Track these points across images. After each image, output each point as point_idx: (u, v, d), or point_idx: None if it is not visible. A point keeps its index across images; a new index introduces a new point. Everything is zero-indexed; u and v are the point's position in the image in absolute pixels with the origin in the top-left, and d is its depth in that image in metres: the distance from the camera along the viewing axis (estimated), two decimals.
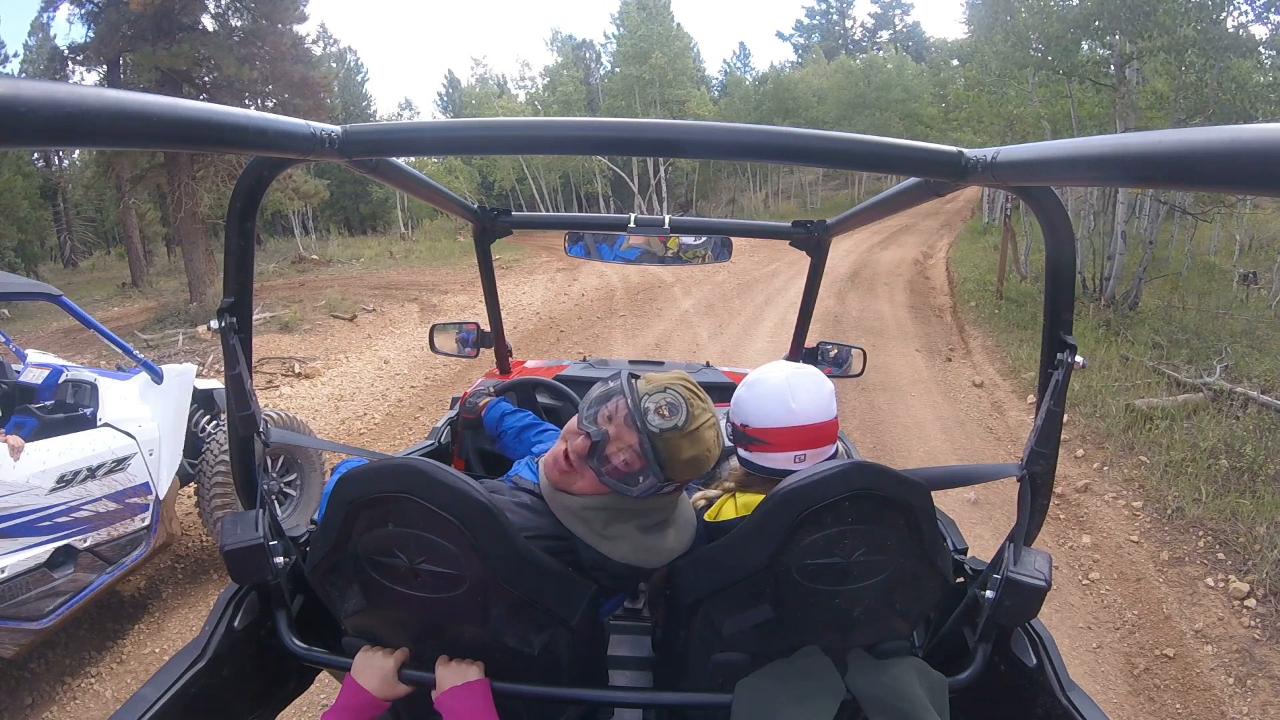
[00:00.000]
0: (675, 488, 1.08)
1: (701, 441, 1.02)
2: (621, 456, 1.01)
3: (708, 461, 1.05)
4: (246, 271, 1.14)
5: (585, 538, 1.08)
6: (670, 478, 1.02)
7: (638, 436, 1.00)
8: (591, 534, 1.07)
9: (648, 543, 1.08)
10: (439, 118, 11.16)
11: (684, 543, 1.13)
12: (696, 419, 1.02)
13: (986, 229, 18.48)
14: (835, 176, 32.74)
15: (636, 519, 1.08)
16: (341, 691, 1.06)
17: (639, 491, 1.01)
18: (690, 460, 1.02)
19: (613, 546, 1.07)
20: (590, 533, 1.07)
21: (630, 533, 1.07)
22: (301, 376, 7.20)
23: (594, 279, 13.10)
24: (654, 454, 1.00)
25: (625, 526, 1.07)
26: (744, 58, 51.02)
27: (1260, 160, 0.43)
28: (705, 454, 1.03)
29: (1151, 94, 10.08)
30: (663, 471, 1.00)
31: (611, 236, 2.05)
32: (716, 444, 1.06)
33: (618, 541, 1.07)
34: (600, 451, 1.02)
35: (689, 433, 1.01)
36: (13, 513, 2.44)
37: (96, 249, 26.32)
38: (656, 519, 1.11)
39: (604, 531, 1.07)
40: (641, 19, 27.67)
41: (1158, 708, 2.77)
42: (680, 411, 1.01)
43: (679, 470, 1.02)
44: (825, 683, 1.05)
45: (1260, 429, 4.94)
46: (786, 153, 0.84)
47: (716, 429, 1.06)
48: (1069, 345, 1.06)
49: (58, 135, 0.48)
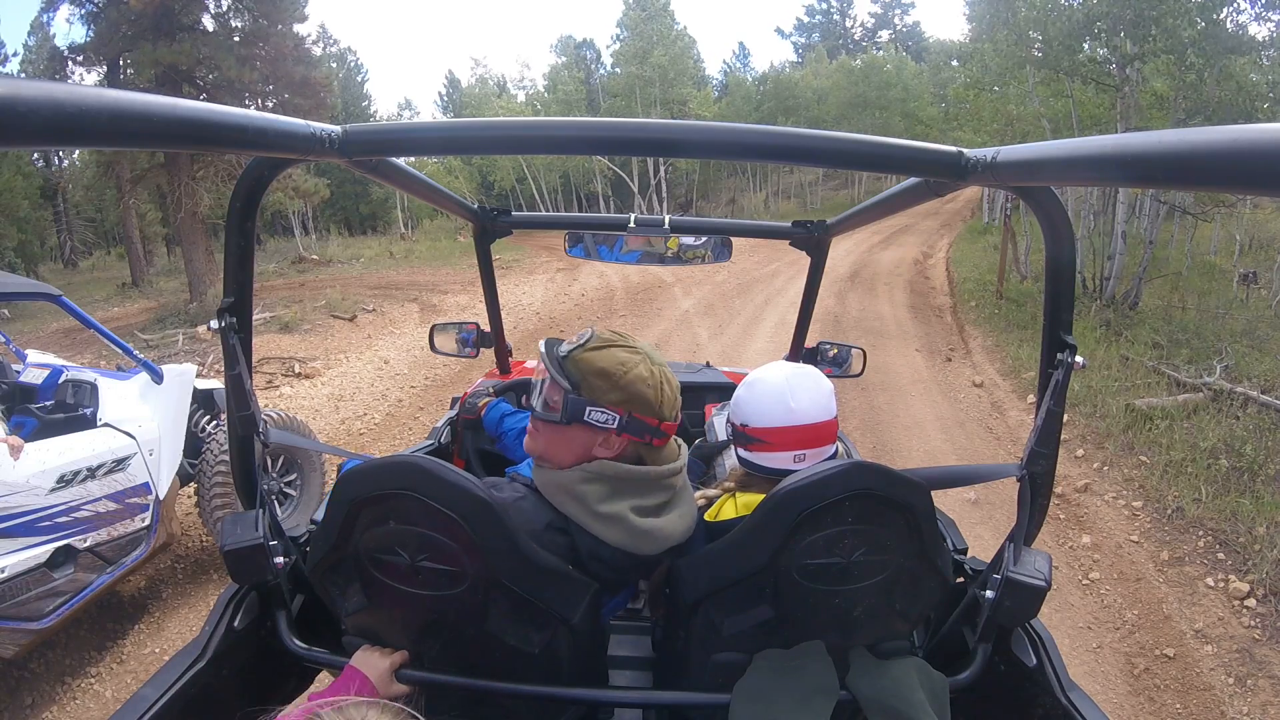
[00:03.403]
0: (618, 421, 1.04)
1: (610, 356, 1.05)
2: (546, 389, 1.08)
3: (620, 375, 1.04)
4: (246, 271, 1.14)
5: (579, 518, 1.05)
6: (584, 394, 1.05)
7: (551, 364, 1.08)
8: (585, 513, 1.05)
9: (644, 526, 1.05)
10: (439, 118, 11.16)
11: (681, 531, 1.11)
12: (605, 340, 1.08)
13: (986, 229, 18.49)
14: (835, 176, 32.72)
15: (632, 498, 1.06)
16: (339, 679, 1.05)
17: (565, 417, 1.04)
18: (600, 372, 1.04)
19: (606, 529, 1.05)
20: (584, 512, 1.05)
21: (625, 514, 1.04)
22: (301, 376, 7.20)
23: (594, 279, 13.10)
24: (563, 372, 1.06)
25: (620, 505, 1.04)
26: (744, 57, 51.05)
27: (1260, 160, 0.43)
28: (617, 367, 1.04)
29: (1151, 94, 10.08)
30: (575, 389, 1.05)
31: (611, 237, 2.05)
32: (633, 366, 1.05)
33: (611, 524, 1.04)
34: (536, 396, 1.10)
35: (594, 349, 1.06)
36: (13, 513, 2.44)
37: (96, 249, 26.31)
38: (654, 501, 1.09)
39: (597, 509, 1.04)
40: (641, 19, 27.65)
41: (1158, 708, 2.77)
42: (586, 335, 1.09)
43: (591, 385, 1.04)
44: (821, 682, 1.05)
45: (1260, 429, 4.94)
46: (786, 153, 0.84)
47: (639, 359, 1.07)
48: (1069, 345, 1.07)
49: (58, 135, 0.48)
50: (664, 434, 1.10)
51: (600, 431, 1.06)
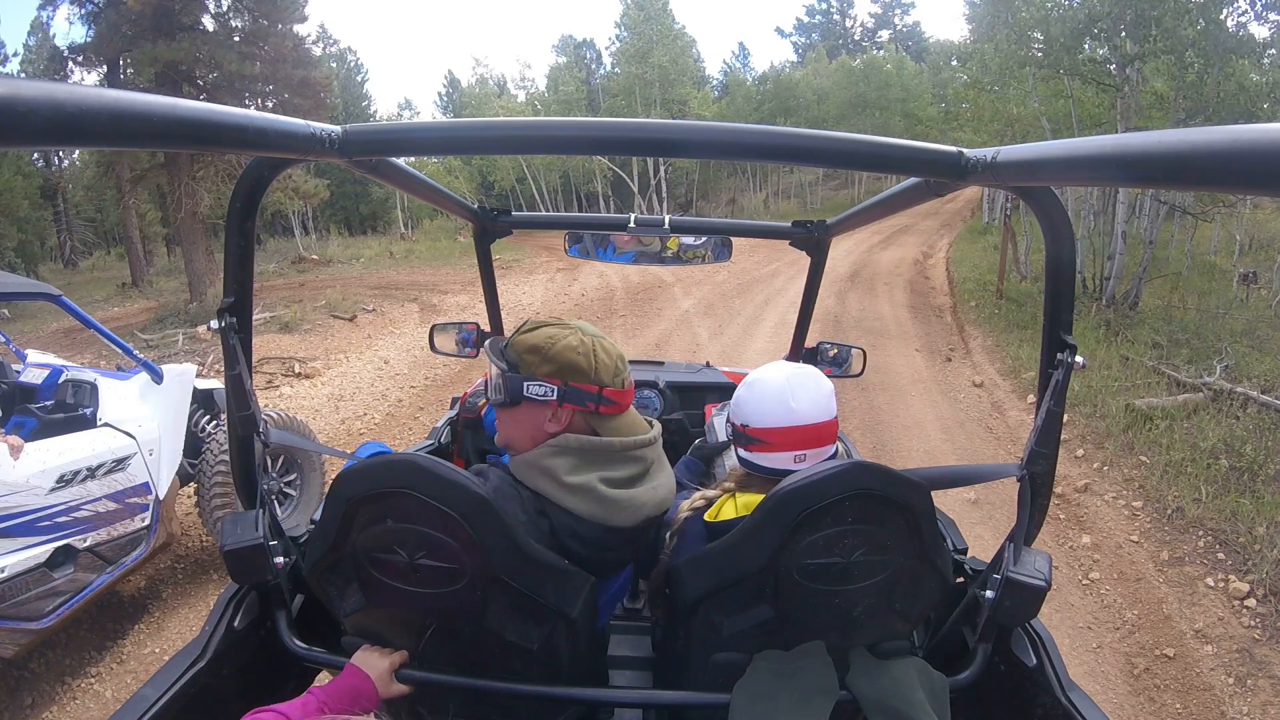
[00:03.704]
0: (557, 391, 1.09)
1: (539, 333, 1.11)
2: (494, 378, 1.15)
3: (549, 348, 1.09)
4: (246, 271, 1.14)
5: (549, 493, 1.06)
6: (522, 372, 1.10)
7: (492, 353, 1.16)
8: (555, 486, 1.06)
9: (613, 496, 1.05)
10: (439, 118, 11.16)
11: (654, 504, 1.11)
12: (538, 322, 1.14)
13: (986, 229, 18.48)
14: (835, 176, 32.71)
15: (599, 469, 1.07)
16: (340, 677, 1.05)
17: (509, 397, 1.10)
18: (531, 348, 1.10)
19: (576, 500, 1.05)
20: (554, 485, 1.06)
21: (594, 484, 1.05)
22: (301, 376, 7.20)
23: (594, 279, 13.10)
24: (503, 358, 1.13)
25: (588, 476, 1.06)
26: (744, 57, 51.08)
27: (1260, 160, 0.43)
28: (546, 341, 1.10)
29: (1151, 94, 10.08)
30: (513, 369, 1.11)
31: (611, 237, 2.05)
32: (561, 338, 1.10)
33: (581, 494, 1.05)
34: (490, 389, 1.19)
35: (527, 331, 1.13)
36: (13, 512, 2.44)
37: (96, 249, 26.31)
38: (623, 473, 1.09)
39: (566, 480, 1.05)
40: (641, 19, 27.64)
41: (1158, 708, 2.77)
42: (525, 323, 1.16)
43: (526, 362, 1.10)
44: (821, 682, 1.05)
45: (1260, 429, 4.94)
46: (786, 153, 0.84)
47: (568, 332, 1.12)
48: (1069, 345, 1.07)
49: (58, 135, 0.48)
50: (609, 400, 1.11)
51: (545, 406, 1.09)
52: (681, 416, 2.37)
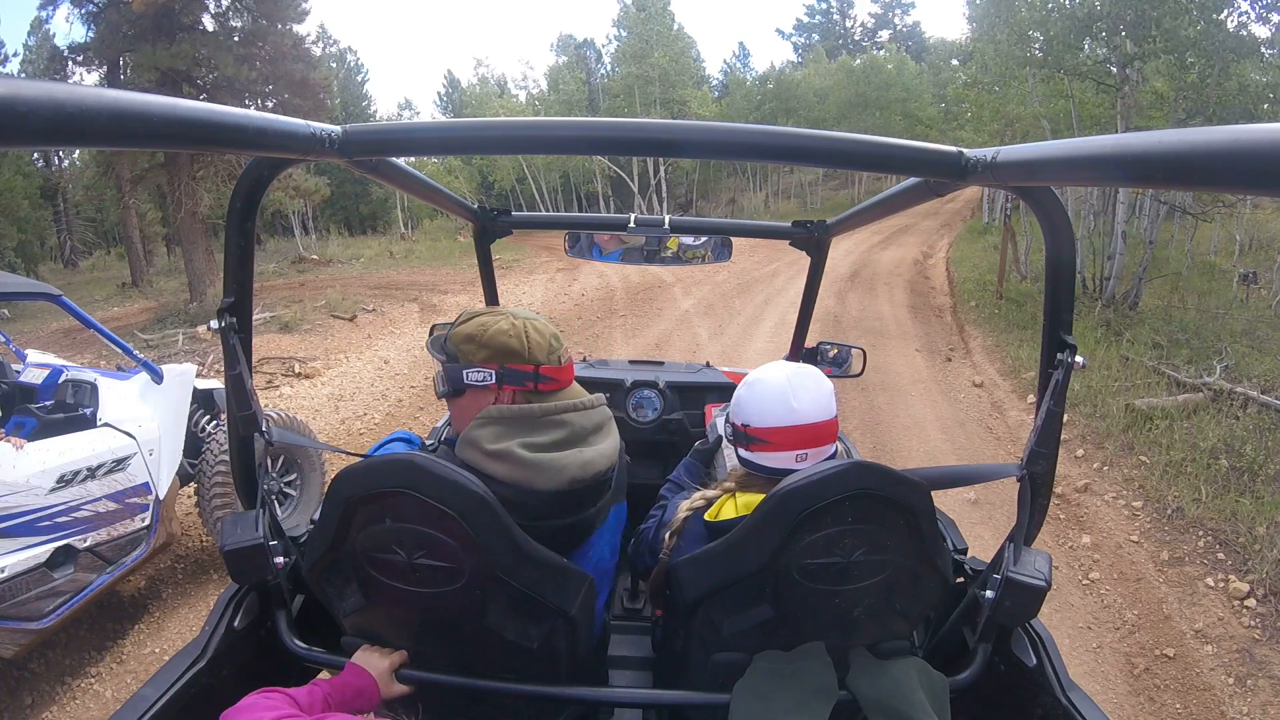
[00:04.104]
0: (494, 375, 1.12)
1: (473, 323, 1.16)
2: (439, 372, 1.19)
3: (482, 334, 1.13)
4: (246, 271, 1.14)
5: (476, 463, 1.08)
6: (461, 362, 1.15)
7: (433, 348, 1.22)
8: (479, 455, 1.08)
9: (532, 459, 1.07)
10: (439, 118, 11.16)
11: (578, 466, 1.10)
12: (471, 313, 1.19)
13: (986, 229, 18.47)
14: (835, 176, 32.70)
15: (520, 435, 1.09)
16: (341, 676, 1.05)
17: (451, 387, 1.15)
18: (466, 337, 1.15)
19: (496, 465, 1.07)
20: (479, 455, 1.08)
21: (512, 449, 1.07)
22: (301, 376, 7.20)
23: (594, 279, 13.10)
24: (443, 351, 1.18)
25: (508, 443, 1.08)
26: (744, 57, 51.09)
27: (1260, 160, 0.43)
28: (479, 329, 1.14)
29: (1152, 94, 10.08)
30: (450, 358, 1.16)
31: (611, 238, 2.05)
32: (492, 324, 1.14)
33: (500, 460, 1.07)
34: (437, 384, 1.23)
35: (461, 323, 1.18)
36: (13, 512, 2.44)
37: (96, 249, 26.29)
38: (546, 438, 1.10)
39: (487, 448, 1.08)
40: (640, 19, 27.63)
41: (1158, 708, 2.77)
42: (459, 315, 1.21)
43: (463, 351, 1.15)
44: (821, 684, 1.05)
45: (1260, 429, 4.94)
46: (786, 153, 0.84)
47: (500, 319, 1.16)
48: (1069, 345, 1.07)
49: (58, 135, 0.48)
50: (546, 378, 1.14)
51: (486, 390, 1.13)
52: (681, 416, 2.38)
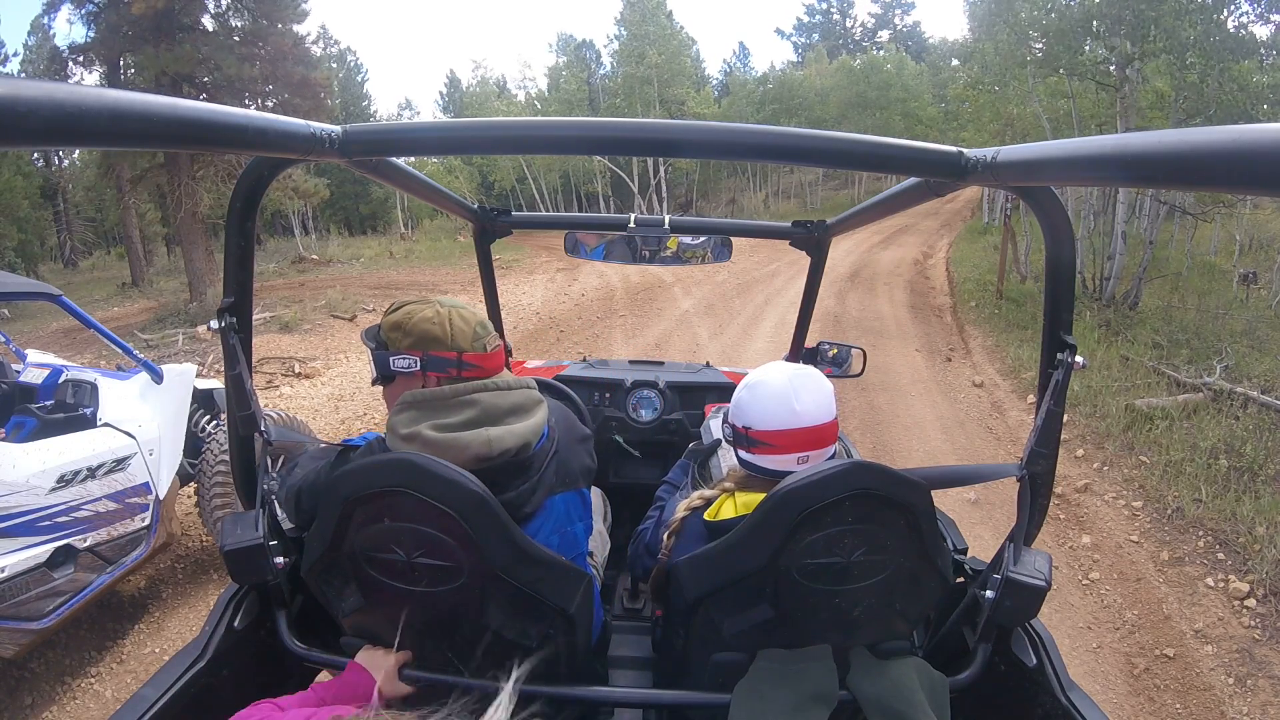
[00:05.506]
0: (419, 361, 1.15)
1: (400, 312, 1.18)
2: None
3: (407, 322, 1.15)
4: (246, 271, 1.14)
5: (394, 449, 1.11)
6: (386, 345, 1.17)
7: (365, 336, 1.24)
8: (396, 440, 1.12)
9: (437, 438, 1.09)
10: (439, 118, 11.15)
11: (482, 442, 1.10)
12: (401, 303, 1.21)
13: (986, 229, 18.47)
14: (835, 176, 32.71)
15: (431, 418, 1.11)
16: (343, 676, 1.05)
17: (380, 374, 1.18)
18: (393, 325, 1.17)
19: (410, 448, 1.09)
20: (395, 440, 1.12)
21: (421, 431, 1.10)
22: (301, 376, 7.20)
23: (594, 279, 13.09)
24: (374, 340, 1.20)
25: (419, 426, 1.11)
26: (744, 57, 51.08)
27: (1260, 160, 0.43)
28: (405, 317, 1.17)
29: (1152, 94, 10.08)
30: (380, 346, 1.18)
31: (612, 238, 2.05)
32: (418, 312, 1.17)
33: (410, 442, 1.10)
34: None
35: (391, 312, 1.20)
36: (13, 512, 2.44)
37: (96, 249, 26.31)
38: (455, 419, 1.12)
39: (401, 432, 1.11)
40: (638, 19, 27.62)
41: (1158, 708, 2.77)
42: (391, 304, 1.23)
43: (390, 339, 1.17)
44: (820, 688, 1.05)
45: (1260, 429, 4.93)
46: (786, 153, 0.84)
47: (425, 306, 1.18)
48: (1069, 345, 1.07)
49: (58, 135, 0.48)
50: (470, 365, 1.16)
51: (412, 377, 1.16)
52: (681, 416, 2.38)
